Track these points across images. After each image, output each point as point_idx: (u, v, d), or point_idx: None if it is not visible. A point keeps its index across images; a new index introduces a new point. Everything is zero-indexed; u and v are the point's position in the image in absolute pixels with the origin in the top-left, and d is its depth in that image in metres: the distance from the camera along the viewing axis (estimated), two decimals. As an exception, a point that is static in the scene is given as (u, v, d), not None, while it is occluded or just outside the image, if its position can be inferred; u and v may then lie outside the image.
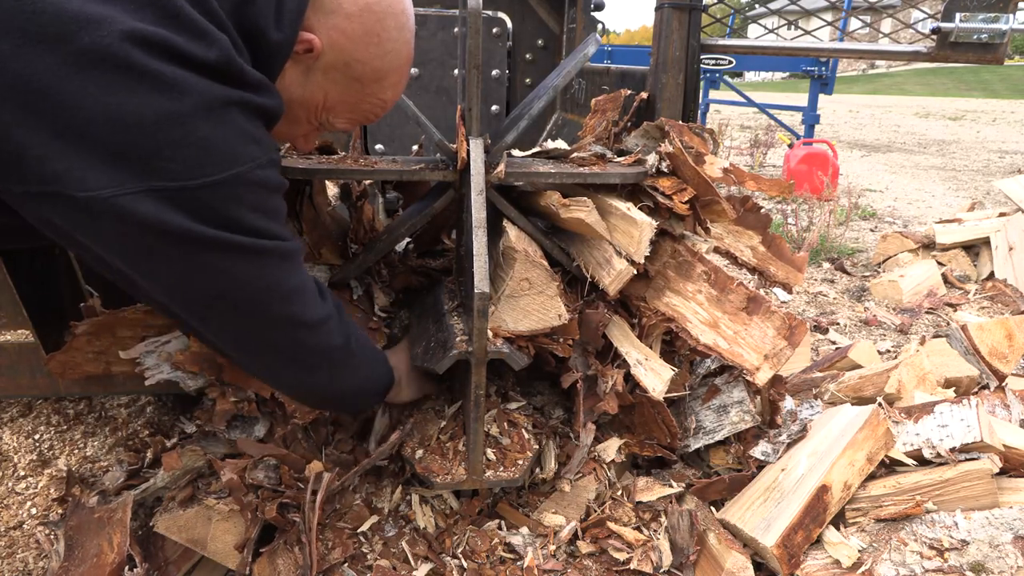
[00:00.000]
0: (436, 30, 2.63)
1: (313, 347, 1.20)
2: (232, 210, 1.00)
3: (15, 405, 1.84)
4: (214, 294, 1.06)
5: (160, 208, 0.93)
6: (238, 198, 1.00)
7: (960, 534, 1.43)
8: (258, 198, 1.03)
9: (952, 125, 16.43)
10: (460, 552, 1.46)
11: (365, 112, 1.27)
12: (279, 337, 1.16)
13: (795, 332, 1.44)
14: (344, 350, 1.25)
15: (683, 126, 1.63)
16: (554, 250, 1.59)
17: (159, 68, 0.90)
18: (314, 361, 1.22)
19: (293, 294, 1.13)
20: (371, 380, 1.40)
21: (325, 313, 1.20)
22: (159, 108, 0.90)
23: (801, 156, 6.99)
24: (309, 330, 1.17)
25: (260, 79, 1.03)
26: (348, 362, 1.28)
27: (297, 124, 1.24)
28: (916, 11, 2.11)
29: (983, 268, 3.80)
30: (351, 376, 1.32)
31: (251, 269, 1.05)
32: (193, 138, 0.93)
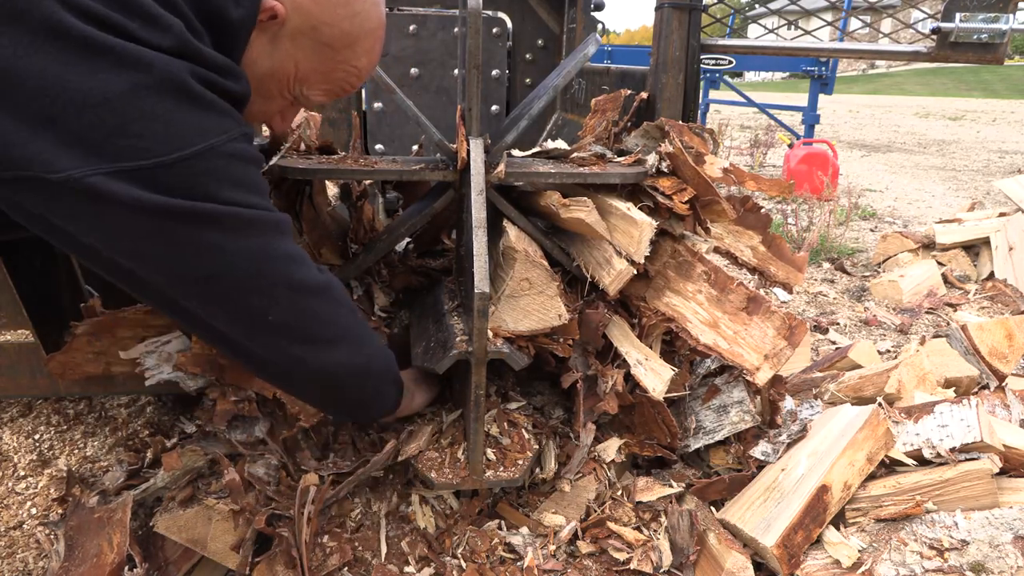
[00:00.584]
0: (436, 30, 2.63)
1: (325, 315, 1.13)
2: (211, 184, 0.96)
3: (15, 405, 1.84)
4: (206, 273, 1.00)
5: (135, 186, 0.89)
6: (216, 171, 0.96)
7: (960, 534, 1.43)
8: (236, 171, 0.99)
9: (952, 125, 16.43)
10: (460, 552, 1.46)
11: (339, 81, 1.21)
12: (286, 308, 1.08)
13: (795, 332, 1.44)
14: (356, 319, 1.19)
15: (683, 126, 1.63)
16: (554, 250, 1.59)
17: (118, 44, 0.88)
18: (330, 332, 1.15)
19: (289, 259, 1.07)
20: (389, 369, 1.31)
21: (326, 279, 1.14)
22: (124, 83, 0.87)
23: (801, 156, 6.99)
24: (316, 295, 1.11)
25: (223, 62, 1.00)
26: (364, 335, 1.21)
27: (270, 99, 1.19)
28: (916, 11, 2.11)
29: (983, 268, 3.80)
30: (371, 355, 1.23)
31: (239, 240, 1.00)
32: (161, 111, 0.90)
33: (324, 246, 1.62)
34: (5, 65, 0.84)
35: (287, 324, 1.09)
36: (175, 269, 0.99)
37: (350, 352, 1.19)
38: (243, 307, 1.05)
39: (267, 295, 1.05)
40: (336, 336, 1.16)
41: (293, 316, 1.09)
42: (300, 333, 1.11)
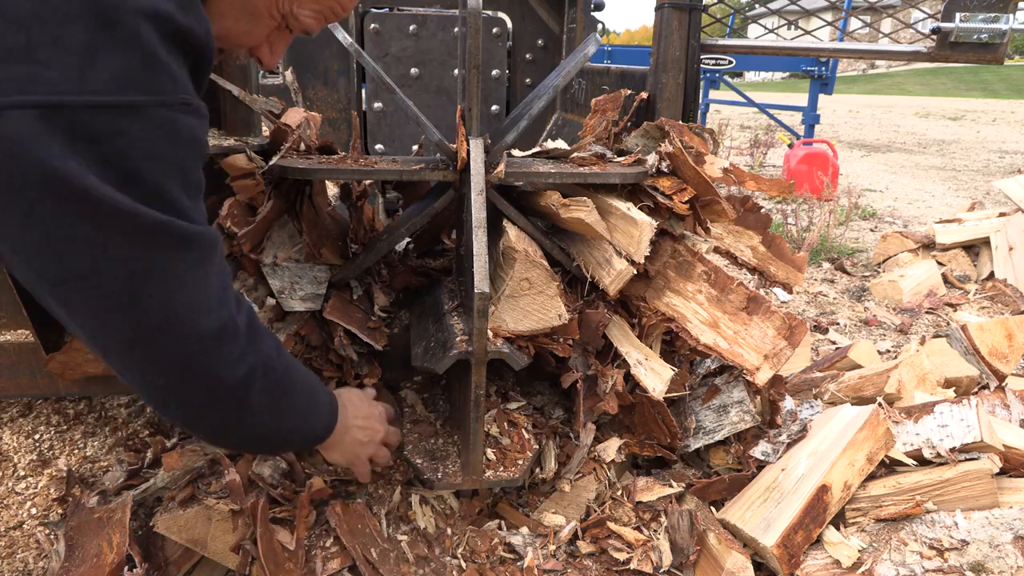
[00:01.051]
0: (436, 30, 2.63)
1: (198, 369, 0.91)
2: (119, 147, 0.76)
3: (15, 405, 1.84)
4: (76, 270, 0.79)
5: (22, 124, 0.70)
6: (131, 135, 0.76)
7: (960, 534, 1.43)
8: (159, 146, 0.79)
9: (952, 125, 16.43)
10: (460, 552, 1.46)
11: (331, 2, 1.09)
12: (156, 345, 0.87)
13: (795, 332, 1.44)
14: (241, 386, 0.96)
15: (683, 126, 1.63)
16: (554, 250, 1.59)
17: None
18: (197, 387, 0.93)
19: (185, 290, 0.86)
20: (283, 427, 1.10)
21: (219, 324, 0.91)
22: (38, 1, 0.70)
23: (801, 156, 6.99)
24: (197, 344, 0.89)
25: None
26: (244, 403, 0.98)
27: (258, 19, 1.04)
28: (916, 11, 2.11)
29: (983, 268, 3.80)
30: (257, 416, 1.02)
31: (131, 244, 0.79)
32: (81, 42, 0.72)
33: (324, 246, 1.62)
34: None
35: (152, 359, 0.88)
36: (36, 249, 0.78)
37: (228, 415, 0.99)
38: (106, 321, 0.84)
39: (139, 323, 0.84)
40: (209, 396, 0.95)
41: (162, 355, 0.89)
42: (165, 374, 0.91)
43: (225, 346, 0.92)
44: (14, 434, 1.77)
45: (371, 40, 2.61)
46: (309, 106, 2.61)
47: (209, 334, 0.90)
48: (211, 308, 0.90)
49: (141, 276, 0.82)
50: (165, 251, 0.83)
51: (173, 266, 0.84)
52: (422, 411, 1.65)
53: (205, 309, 0.89)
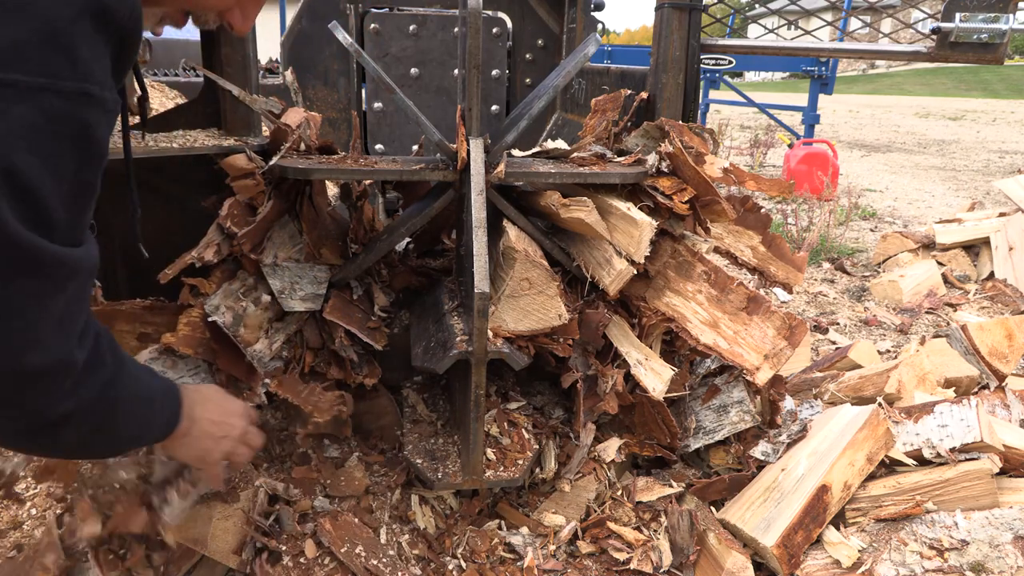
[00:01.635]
0: (436, 30, 2.63)
1: (13, 405, 0.80)
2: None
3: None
4: None
5: None
6: (9, 120, 0.66)
7: (960, 534, 1.43)
8: (41, 139, 0.68)
9: (952, 125, 16.43)
10: (460, 552, 1.46)
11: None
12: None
13: (795, 332, 1.44)
14: (60, 423, 0.84)
15: (683, 126, 1.63)
16: (554, 250, 1.59)
17: None
18: (9, 420, 0.82)
19: (16, 319, 0.74)
20: (100, 449, 1.00)
21: (55, 362, 0.79)
22: None
23: (801, 156, 6.99)
24: (17, 381, 0.77)
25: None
26: (56, 437, 0.87)
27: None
28: (916, 11, 2.11)
29: (983, 268, 3.80)
30: (63, 447, 0.91)
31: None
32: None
33: (324, 246, 1.62)
34: None
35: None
36: None
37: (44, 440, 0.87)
38: None
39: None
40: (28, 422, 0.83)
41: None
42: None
43: (51, 384, 0.81)
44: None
45: (371, 40, 2.61)
46: (309, 106, 2.61)
47: (35, 371, 0.78)
48: (43, 343, 0.78)
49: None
50: (9, 275, 0.71)
51: (8, 292, 0.72)
52: (422, 411, 1.65)
53: (36, 343, 0.77)
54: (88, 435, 0.90)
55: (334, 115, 2.69)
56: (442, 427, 1.61)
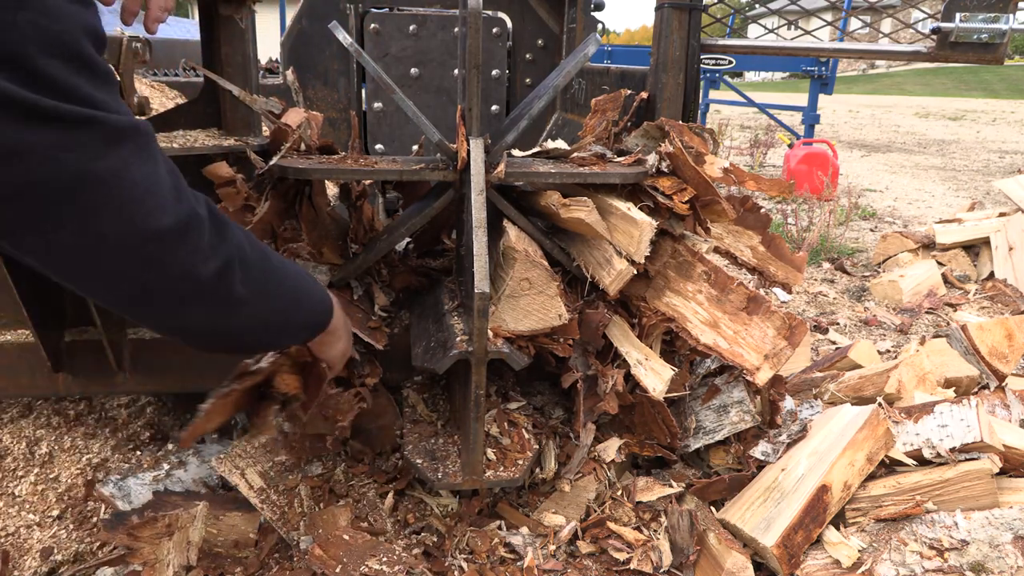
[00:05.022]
0: (436, 30, 2.63)
1: (167, 275, 0.85)
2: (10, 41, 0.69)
3: (15, 405, 1.84)
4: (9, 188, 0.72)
5: None
6: (20, 26, 0.69)
7: (960, 534, 1.43)
8: (53, 36, 0.72)
9: (952, 125, 16.43)
10: (460, 552, 1.46)
11: None
12: (119, 256, 0.81)
13: (795, 332, 1.44)
14: (222, 278, 0.90)
15: (683, 126, 1.63)
16: (554, 250, 1.59)
17: None
18: (174, 292, 0.87)
19: (135, 187, 0.79)
20: (285, 316, 1.05)
21: (180, 223, 0.84)
22: None
23: (801, 156, 6.99)
24: (154, 251, 0.82)
25: None
26: (234, 295, 0.92)
27: None
28: (916, 11, 2.11)
29: (983, 268, 3.80)
30: (248, 312, 0.96)
31: (60, 145, 0.72)
32: None
33: (324, 246, 1.62)
34: None
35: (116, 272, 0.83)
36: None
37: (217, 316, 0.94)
38: (54, 238, 0.79)
39: (86, 232, 0.78)
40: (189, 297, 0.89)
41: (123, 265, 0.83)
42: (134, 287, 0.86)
43: (192, 240, 0.85)
44: (14, 435, 1.77)
45: (371, 40, 2.61)
46: (309, 106, 2.61)
47: (172, 231, 0.82)
48: (167, 204, 0.83)
49: (79, 181, 0.74)
50: (100, 148, 0.75)
51: (112, 163, 0.76)
52: (422, 411, 1.65)
53: (161, 206, 0.82)
54: (258, 285, 0.95)
55: (334, 115, 2.69)
56: (442, 427, 1.61)
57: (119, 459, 1.75)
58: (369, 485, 1.58)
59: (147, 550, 1.35)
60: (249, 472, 1.50)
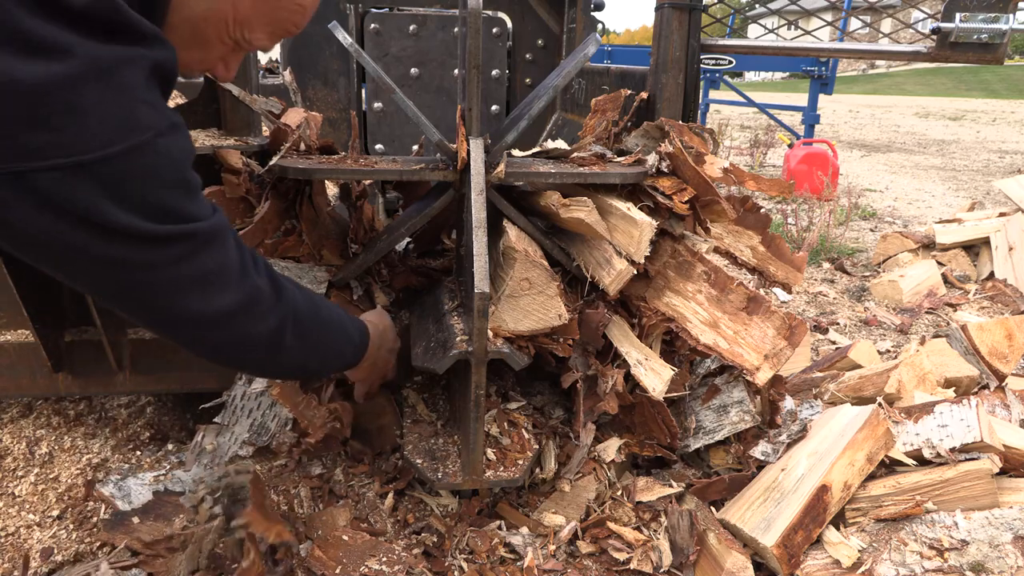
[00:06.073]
0: (436, 30, 2.63)
1: (236, 337, 1.09)
2: (136, 186, 0.88)
3: (15, 405, 1.84)
4: (113, 286, 0.95)
5: (48, 188, 0.82)
6: (142, 171, 0.88)
7: (960, 534, 1.43)
8: (164, 171, 0.92)
9: (952, 125, 16.43)
10: (460, 552, 1.46)
11: (283, 22, 1.13)
12: (194, 332, 1.06)
13: (795, 332, 1.44)
14: (277, 333, 1.12)
15: (683, 126, 1.63)
16: (554, 250, 1.59)
17: (36, 29, 0.79)
18: (241, 348, 1.12)
19: (205, 284, 1.01)
20: (324, 356, 1.30)
21: (244, 297, 1.07)
22: (41, 72, 0.79)
23: (801, 156, 6.99)
24: (226, 323, 1.06)
25: (146, 29, 0.90)
26: (285, 344, 1.15)
27: (209, 47, 1.09)
28: (916, 11, 2.11)
29: (983, 268, 3.80)
30: (296, 355, 1.19)
31: (159, 259, 0.94)
32: (86, 104, 0.82)
33: (324, 246, 1.62)
34: None
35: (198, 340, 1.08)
36: (78, 277, 0.96)
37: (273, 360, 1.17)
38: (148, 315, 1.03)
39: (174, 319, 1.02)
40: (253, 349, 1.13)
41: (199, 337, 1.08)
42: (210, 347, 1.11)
43: (253, 310, 1.08)
44: (14, 435, 1.77)
45: (371, 40, 2.61)
46: (309, 106, 2.61)
47: (241, 306, 1.06)
48: (235, 283, 1.05)
49: (172, 283, 0.98)
50: (196, 254, 0.98)
51: (202, 263, 0.99)
52: (423, 411, 1.65)
53: (234, 285, 1.05)
54: (305, 340, 1.19)
55: (334, 115, 2.69)
56: (442, 427, 1.61)
57: (119, 459, 1.75)
58: (369, 485, 1.58)
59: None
60: (249, 472, 1.50)
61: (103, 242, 0.89)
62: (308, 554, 1.37)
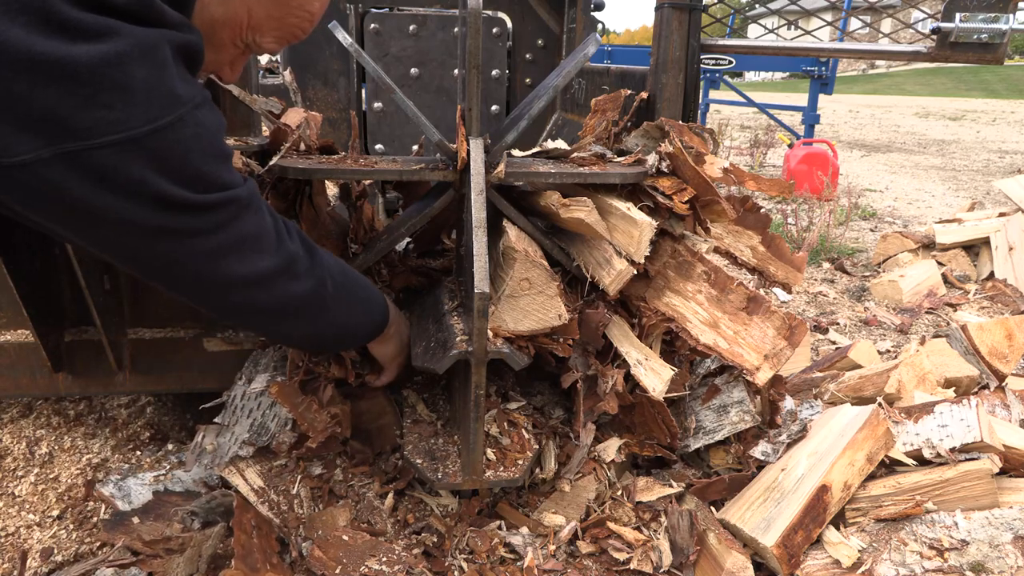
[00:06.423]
0: (436, 30, 2.63)
1: (276, 300, 1.15)
2: (180, 157, 0.94)
3: (15, 405, 1.85)
4: (161, 258, 1.01)
5: (104, 164, 0.87)
6: (186, 142, 0.94)
7: (960, 534, 1.43)
8: (205, 140, 0.97)
9: (952, 125, 16.43)
10: (460, 552, 1.46)
11: (292, 28, 1.19)
12: (236, 296, 1.11)
13: (795, 332, 1.44)
14: (315, 295, 1.20)
15: (683, 126, 1.63)
16: (554, 250, 1.59)
17: (83, 17, 0.83)
18: (281, 311, 1.18)
19: (246, 248, 1.07)
20: (357, 320, 1.36)
21: (283, 260, 1.13)
22: (93, 52, 0.83)
23: (801, 156, 6.99)
24: (267, 285, 1.12)
25: (177, 17, 0.96)
26: (323, 306, 1.23)
27: (222, 49, 1.15)
28: (916, 11, 2.11)
29: (983, 268, 3.80)
30: (331, 318, 1.27)
31: (204, 226, 1.00)
32: (134, 81, 0.86)
33: (324, 246, 1.62)
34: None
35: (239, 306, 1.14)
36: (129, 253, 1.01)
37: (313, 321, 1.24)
38: (193, 285, 1.09)
39: (220, 284, 1.08)
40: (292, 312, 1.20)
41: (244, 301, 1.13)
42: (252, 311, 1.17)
43: (294, 270, 1.15)
44: (14, 435, 1.77)
45: (371, 40, 2.61)
46: (309, 106, 2.61)
47: (280, 268, 1.12)
48: (273, 246, 1.12)
49: (215, 247, 1.03)
50: (236, 219, 1.04)
51: (242, 228, 1.05)
52: (423, 411, 1.65)
53: (273, 249, 1.11)
54: (341, 300, 1.26)
55: (334, 115, 2.69)
56: (442, 427, 1.61)
57: (119, 459, 1.75)
58: (369, 485, 1.58)
59: (156, 562, 1.35)
60: (249, 472, 1.50)
61: (154, 213, 0.93)
62: (308, 554, 1.37)
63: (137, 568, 1.36)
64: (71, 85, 0.82)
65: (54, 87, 0.82)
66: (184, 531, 1.41)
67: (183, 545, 1.37)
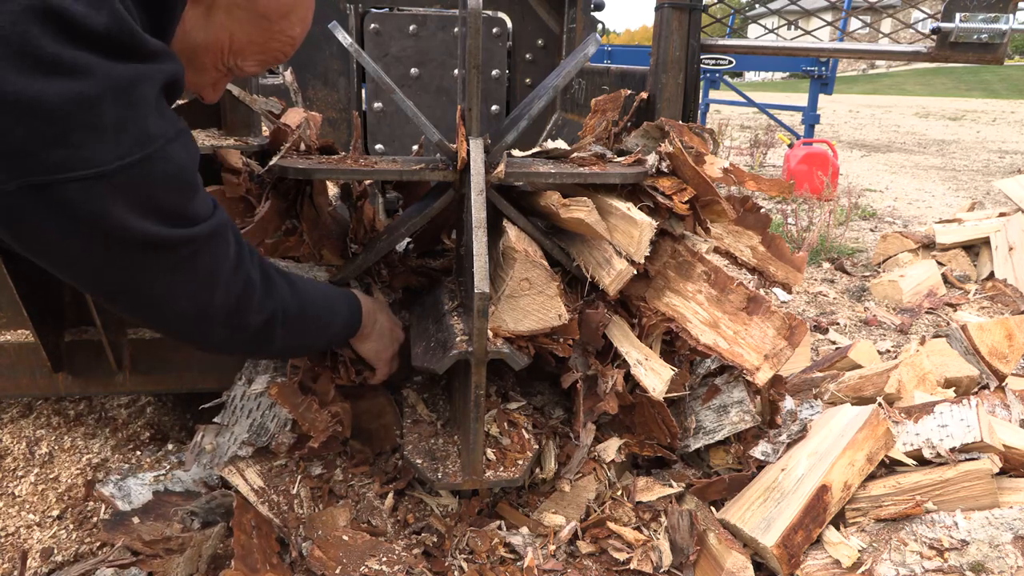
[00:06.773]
0: (436, 30, 2.63)
1: (231, 330, 1.15)
2: (148, 192, 0.95)
3: (15, 405, 1.85)
4: (119, 286, 1.02)
5: (70, 198, 0.87)
6: (154, 178, 0.95)
7: (960, 534, 1.43)
8: (174, 176, 0.98)
9: (952, 125, 16.43)
10: (460, 552, 1.46)
11: (274, 52, 1.20)
12: (195, 326, 1.12)
13: (795, 332, 1.44)
14: (266, 327, 1.20)
15: (683, 126, 1.63)
16: (554, 250, 1.59)
17: (59, 52, 0.83)
18: (239, 340, 1.20)
19: (202, 283, 1.08)
20: (316, 336, 1.37)
21: (238, 295, 1.13)
22: (64, 92, 0.84)
23: (801, 156, 6.99)
24: (222, 318, 1.12)
25: (157, 47, 0.96)
26: (273, 336, 1.22)
27: (204, 72, 1.17)
28: (916, 11, 2.12)
29: (983, 268, 3.80)
30: (289, 340, 1.27)
31: (165, 262, 1.01)
32: (105, 122, 0.87)
33: (324, 246, 1.62)
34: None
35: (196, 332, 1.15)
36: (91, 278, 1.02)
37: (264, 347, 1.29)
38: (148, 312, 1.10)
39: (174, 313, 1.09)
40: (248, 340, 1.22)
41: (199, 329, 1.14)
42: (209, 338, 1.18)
43: (245, 303, 1.15)
44: (14, 435, 1.77)
45: (371, 40, 2.61)
46: (309, 106, 2.61)
47: (236, 298, 1.13)
48: (229, 279, 1.11)
49: (179, 282, 1.05)
50: (199, 254, 1.04)
51: (204, 262, 1.05)
52: (423, 411, 1.65)
53: (229, 279, 1.11)
54: (294, 328, 1.26)
55: (334, 115, 2.69)
56: (442, 427, 1.61)
57: (119, 459, 1.75)
58: (369, 485, 1.58)
59: (156, 562, 1.35)
60: (249, 472, 1.50)
61: (116, 246, 0.95)
62: (308, 554, 1.37)
63: (137, 568, 1.36)
64: (40, 125, 0.83)
65: (23, 126, 0.83)
66: (184, 531, 1.42)
67: (183, 545, 1.37)
